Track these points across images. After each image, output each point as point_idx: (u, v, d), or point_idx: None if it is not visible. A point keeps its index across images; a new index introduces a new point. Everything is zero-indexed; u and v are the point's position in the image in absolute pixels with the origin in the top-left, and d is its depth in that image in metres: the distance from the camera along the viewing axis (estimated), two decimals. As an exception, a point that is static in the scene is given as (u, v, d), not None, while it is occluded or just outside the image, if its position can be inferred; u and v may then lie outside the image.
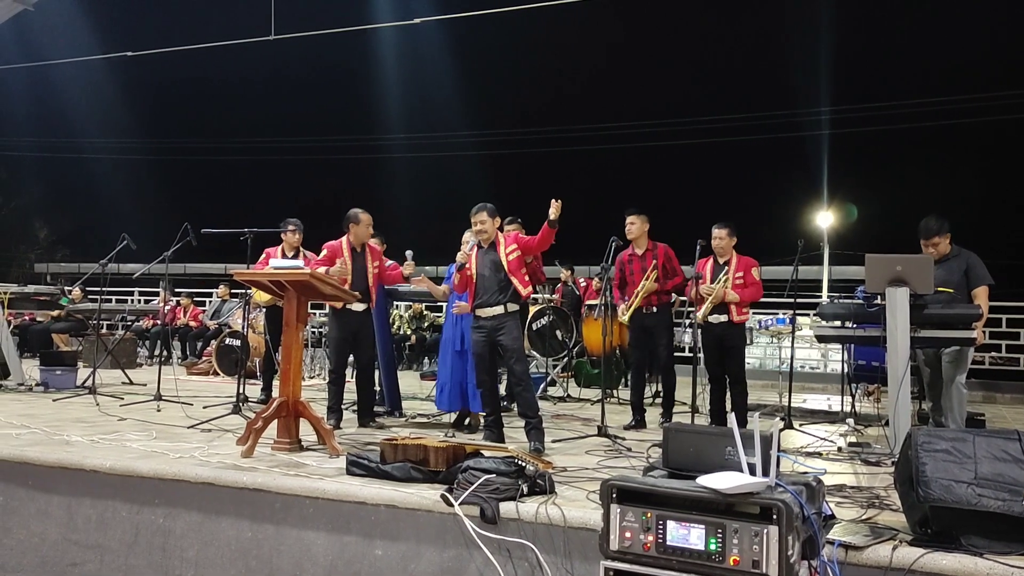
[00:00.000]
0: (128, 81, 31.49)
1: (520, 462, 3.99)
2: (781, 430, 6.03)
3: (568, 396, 8.85)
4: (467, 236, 6.01)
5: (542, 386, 8.90)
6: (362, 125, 36.07)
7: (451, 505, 3.76)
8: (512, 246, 5.52)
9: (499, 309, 5.44)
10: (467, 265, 5.55)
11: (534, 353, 9.22)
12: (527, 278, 5.59)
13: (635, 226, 6.63)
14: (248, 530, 4.20)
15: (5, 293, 8.70)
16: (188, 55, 17.18)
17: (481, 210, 5.54)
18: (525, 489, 3.83)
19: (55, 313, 10.78)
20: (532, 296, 7.86)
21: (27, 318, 12.16)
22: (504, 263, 5.47)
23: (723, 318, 6.30)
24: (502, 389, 6.27)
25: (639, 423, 6.67)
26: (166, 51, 16.40)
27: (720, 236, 6.41)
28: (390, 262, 6.72)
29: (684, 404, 7.81)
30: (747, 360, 6.77)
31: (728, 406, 6.46)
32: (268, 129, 36.82)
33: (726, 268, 6.35)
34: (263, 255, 7.34)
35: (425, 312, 12.99)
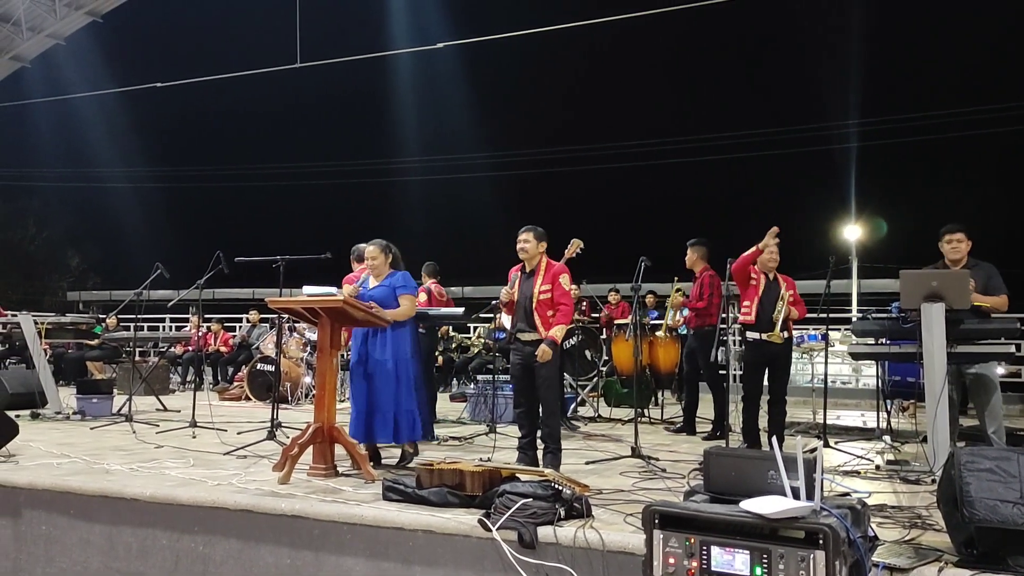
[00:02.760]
0: (153, 112, 32.09)
1: (557, 486, 3.98)
2: (814, 450, 5.99)
3: (599, 416, 8.83)
4: (370, 250, 5.73)
5: (572, 406, 8.88)
6: (378, 149, 36.46)
7: (489, 530, 3.76)
8: (547, 286, 5.42)
9: (536, 335, 5.41)
10: (512, 289, 5.53)
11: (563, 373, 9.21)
12: (552, 318, 5.42)
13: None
14: (287, 557, 4.22)
15: (42, 323, 8.84)
16: (210, 85, 17.50)
17: (528, 230, 5.49)
18: (562, 513, 3.82)
19: (93, 342, 10.93)
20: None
21: (64, 347, 12.34)
22: (534, 299, 5.42)
23: (785, 335, 6.26)
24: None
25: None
26: (193, 81, 16.76)
27: (774, 251, 6.37)
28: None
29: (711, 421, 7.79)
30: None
31: (764, 425, 6.41)
32: (288, 155, 37.41)
33: (779, 285, 6.31)
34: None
35: (453, 334, 13.03)
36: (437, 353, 12.56)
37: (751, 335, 6.27)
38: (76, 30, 21.66)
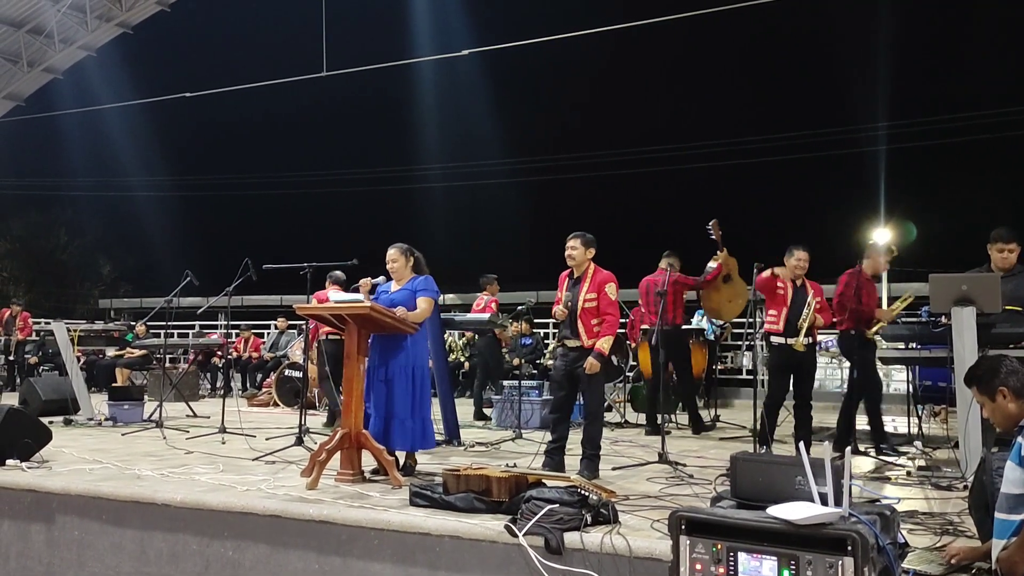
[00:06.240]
0: (182, 121, 32.48)
1: (583, 491, 3.98)
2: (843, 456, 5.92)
3: (625, 422, 8.80)
4: (391, 253, 5.66)
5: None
6: (402, 156, 36.64)
7: (515, 536, 3.76)
8: (592, 294, 5.35)
9: (580, 342, 5.39)
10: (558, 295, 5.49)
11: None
12: (596, 328, 5.35)
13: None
14: (315, 562, 4.25)
15: (75, 331, 8.98)
16: (237, 94, 17.71)
17: (576, 236, 5.45)
18: (589, 519, 3.82)
19: (124, 352, 11.06)
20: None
21: (96, 354, 12.52)
22: (579, 307, 5.36)
23: (808, 341, 6.24)
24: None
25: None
26: (221, 91, 16.96)
27: (803, 259, 6.34)
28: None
29: (744, 428, 7.74)
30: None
31: (791, 431, 6.38)
32: (313, 163, 37.60)
33: (808, 292, 6.30)
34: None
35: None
36: (464, 359, 12.60)
37: (776, 339, 6.25)
38: (106, 42, 21.99)
